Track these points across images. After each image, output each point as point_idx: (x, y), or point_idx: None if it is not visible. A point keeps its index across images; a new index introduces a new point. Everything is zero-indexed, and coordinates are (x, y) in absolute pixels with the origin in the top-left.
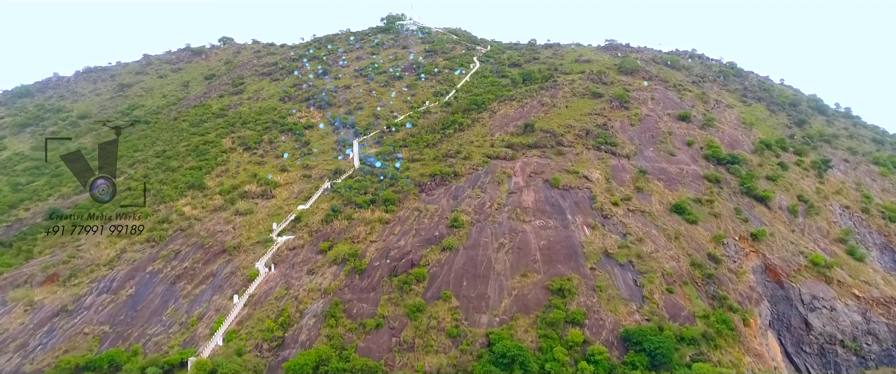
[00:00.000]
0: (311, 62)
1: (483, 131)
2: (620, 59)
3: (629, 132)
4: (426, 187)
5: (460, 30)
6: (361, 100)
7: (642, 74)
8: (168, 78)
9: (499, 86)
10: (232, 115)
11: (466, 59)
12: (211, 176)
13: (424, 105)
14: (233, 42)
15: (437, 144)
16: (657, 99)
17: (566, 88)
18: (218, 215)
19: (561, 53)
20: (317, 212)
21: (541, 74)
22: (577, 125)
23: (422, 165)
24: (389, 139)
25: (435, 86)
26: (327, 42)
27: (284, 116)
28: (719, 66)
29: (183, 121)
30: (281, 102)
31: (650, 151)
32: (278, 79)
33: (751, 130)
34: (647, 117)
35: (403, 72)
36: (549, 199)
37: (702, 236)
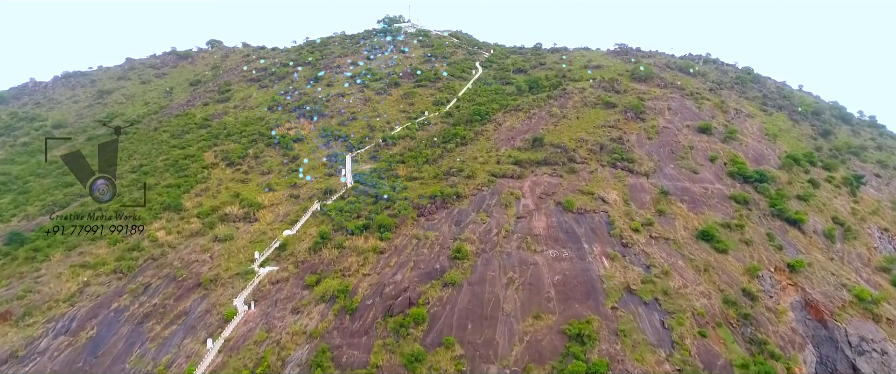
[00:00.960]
0: (303, 67)
1: (487, 146)
2: (633, 66)
3: (647, 147)
4: (425, 210)
5: (461, 32)
6: (355, 109)
7: (657, 82)
8: (151, 84)
9: (503, 94)
10: (216, 125)
11: (468, 64)
12: (190, 195)
13: (423, 115)
14: (221, 45)
15: (437, 159)
16: (674, 109)
17: (576, 97)
18: (195, 241)
19: (569, 58)
20: (304, 238)
21: (548, 82)
22: (589, 139)
23: (420, 185)
24: (385, 154)
25: (435, 94)
26: (321, 45)
27: (272, 128)
28: (735, 71)
29: (163, 131)
30: (269, 112)
31: (671, 168)
32: (267, 85)
33: (775, 143)
34: (665, 130)
35: (401, 78)
36: (563, 224)
37: (734, 268)
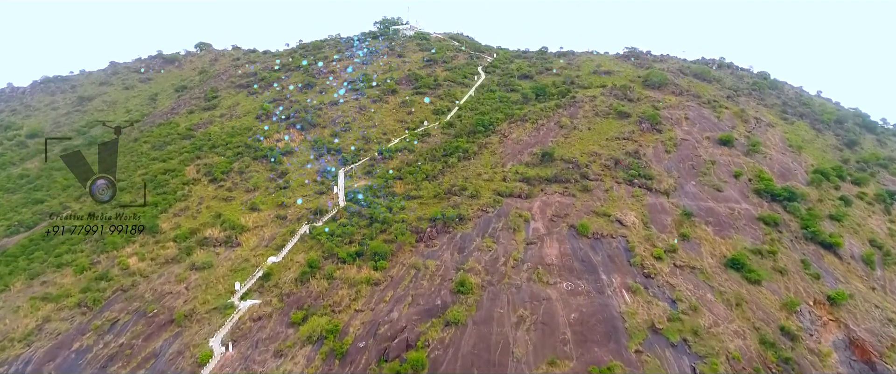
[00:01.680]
0: (295, 73)
1: (492, 160)
2: (646, 72)
3: (665, 161)
4: (425, 235)
5: (462, 35)
6: (350, 119)
7: (671, 88)
8: (135, 89)
9: (508, 102)
10: (200, 136)
11: (470, 69)
12: (167, 216)
13: (422, 126)
14: (210, 48)
15: (437, 176)
16: (692, 119)
17: (587, 106)
18: (170, 269)
19: (576, 63)
20: (290, 267)
21: (556, 89)
22: (603, 153)
23: (420, 205)
24: (381, 168)
25: (435, 102)
26: (314, 48)
27: (260, 140)
28: (751, 76)
29: (144, 142)
30: (257, 121)
31: (692, 185)
32: (256, 92)
33: (800, 155)
34: (684, 142)
35: (399, 84)
36: (578, 252)
37: (769, 302)
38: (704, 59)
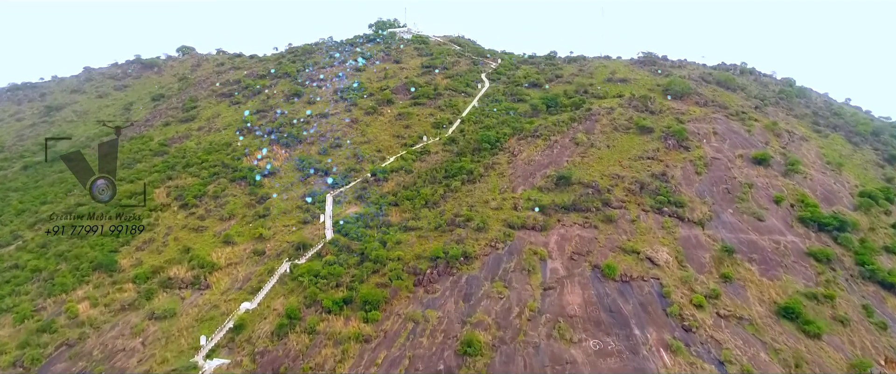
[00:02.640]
0: (281, 80)
1: (501, 184)
2: (666, 80)
3: (696, 184)
4: (425, 277)
5: (463, 38)
6: (340, 133)
7: (695, 99)
8: (109, 98)
9: (516, 115)
10: (174, 153)
11: (473, 76)
12: (129, 249)
13: (421, 141)
14: (193, 52)
15: (438, 202)
16: (721, 133)
17: (604, 120)
18: (126, 318)
19: (588, 70)
20: (267, 316)
21: (569, 99)
22: (626, 175)
23: (418, 238)
24: (375, 192)
25: (434, 113)
26: (304, 53)
27: (240, 157)
28: (776, 83)
29: None
30: (238, 136)
31: (729, 213)
32: (239, 102)
33: (841, 174)
34: (715, 161)
35: (395, 93)
36: (604, 299)
37: (833, 362)
38: (725, 64)
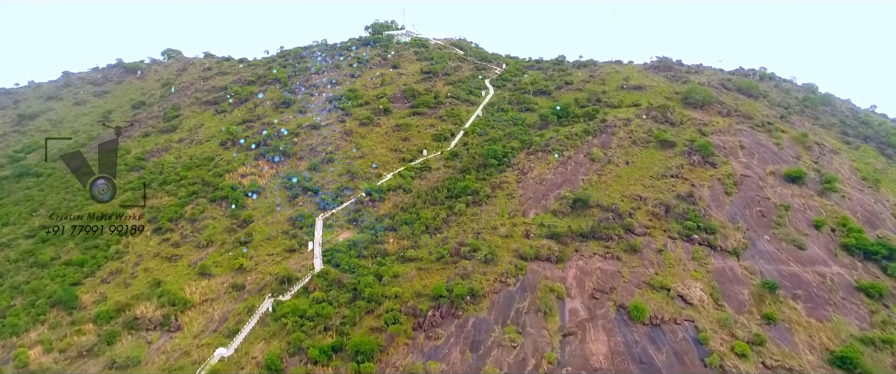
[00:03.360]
0: (271, 87)
1: (510, 207)
2: (685, 87)
3: (727, 207)
4: (426, 319)
5: (465, 41)
6: (333, 146)
7: (717, 108)
8: (87, 105)
9: (524, 126)
10: (151, 168)
11: (476, 82)
12: (94, 281)
13: (421, 156)
14: (179, 55)
15: (441, 227)
16: (749, 147)
17: (621, 133)
18: (83, 366)
19: (600, 76)
20: (244, 365)
21: (581, 109)
22: (649, 196)
23: (419, 271)
24: (370, 214)
25: (435, 124)
26: (295, 57)
27: (222, 174)
28: (797, 90)
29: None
30: (222, 148)
31: (766, 240)
32: (225, 111)
33: (879, 191)
34: (745, 179)
35: (393, 102)
36: (633, 347)
37: None
38: (743, 69)
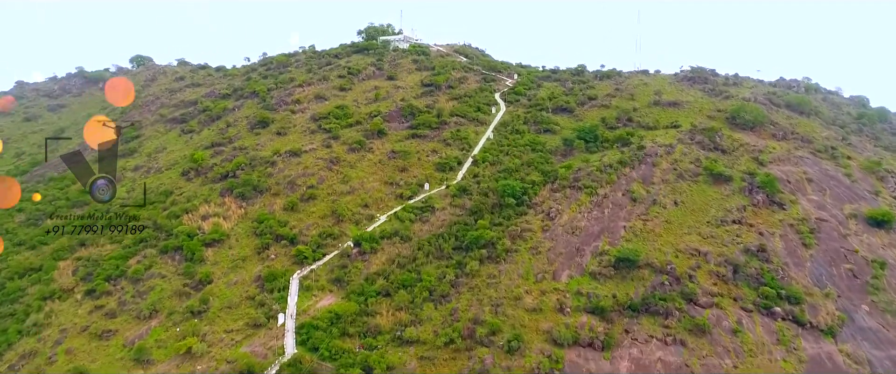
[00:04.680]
0: (248, 102)
1: (537, 266)
2: (729, 104)
3: (808, 264)
4: None
5: (470, 47)
6: (316, 178)
7: (770, 130)
8: (38, 121)
9: (545, 152)
10: (89, 214)
11: (485, 96)
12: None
13: (422, 191)
14: (150, 63)
15: (448, 293)
16: (817, 180)
17: (664, 163)
18: None
19: (627, 89)
20: None
21: (611, 131)
22: (709, 250)
23: (420, 362)
24: (358, 272)
25: (439, 148)
26: (278, 66)
27: (179, 215)
28: (847, 103)
29: (18, 210)
30: (184, 179)
31: (864, 311)
32: (193, 130)
33: None
34: (823, 225)
35: (388, 122)
36: None
37: None
38: (784, 80)
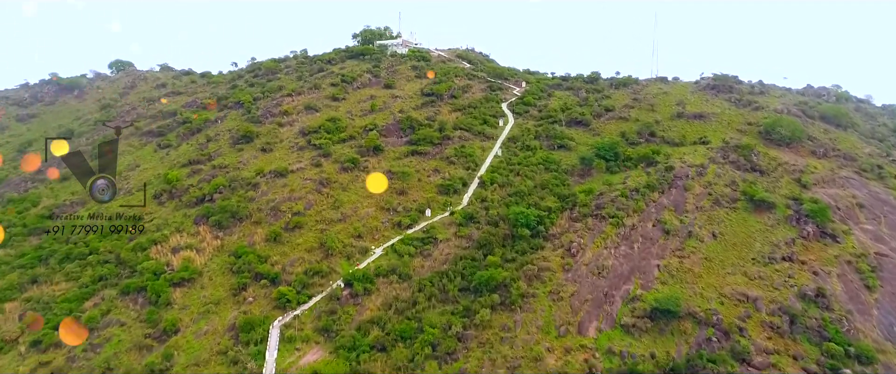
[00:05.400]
0: (232, 113)
1: (559, 315)
2: (762, 117)
3: (874, 311)
4: None
5: (473, 52)
6: (303, 203)
7: (808, 146)
8: (5, 133)
9: (560, 172)
10: (48, 245)
11: (491, 106)
12: None
13: (423, 218)
14: (131, 69)
15: (455, 350)
16: (868, 206)
17: (696, 187)
18: None
19: (646, 98)
20: None
21: (633, 147)
22: (761, 295)
23: None
24: (349, 319)
25: (441, 167)
26: (267, 73)
27: (147, 247)
28: (881, 112)
29: None
30: (156, 203)
31: None
32: (170, 145)
33: None
34: (884, 261)
35: (384, 136)
36: None
37: None
38: (812, 88)
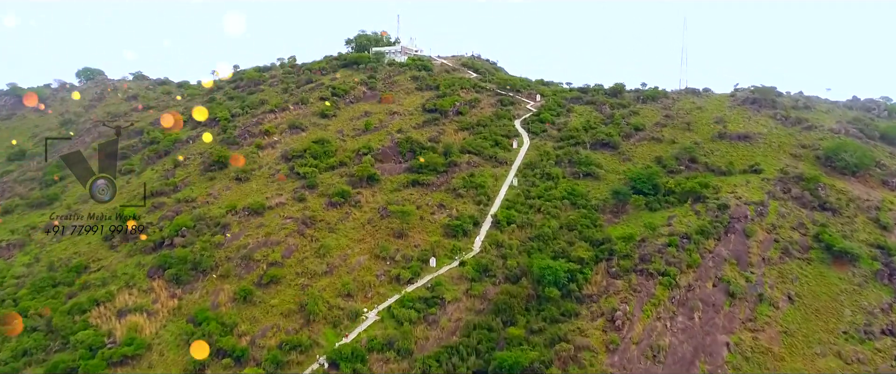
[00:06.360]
0: (207, 131)
1: None
2: (821, 139)
3: None
4: None
5: (480, 59)
6: (281, 250)
7: (878, 174)
8: None
9: (589, 208)
10: None
11: (503, 123)
12: None
13: (426, 270)
14: (101, 77)
15: None
16: None
17: (759, 232)
18: None
19: (680, 115)
20: None
21: (673, 176)
22: None
23: None
24: None
25: (447, 201)
26: (249, 84)
27: (87, 307)
28: None
29: None
30: (106, 246)
31: None
32: (133, 170)
33: None
34: None
35: (380, 161)
36: None
37: None
38: (858, 100)
